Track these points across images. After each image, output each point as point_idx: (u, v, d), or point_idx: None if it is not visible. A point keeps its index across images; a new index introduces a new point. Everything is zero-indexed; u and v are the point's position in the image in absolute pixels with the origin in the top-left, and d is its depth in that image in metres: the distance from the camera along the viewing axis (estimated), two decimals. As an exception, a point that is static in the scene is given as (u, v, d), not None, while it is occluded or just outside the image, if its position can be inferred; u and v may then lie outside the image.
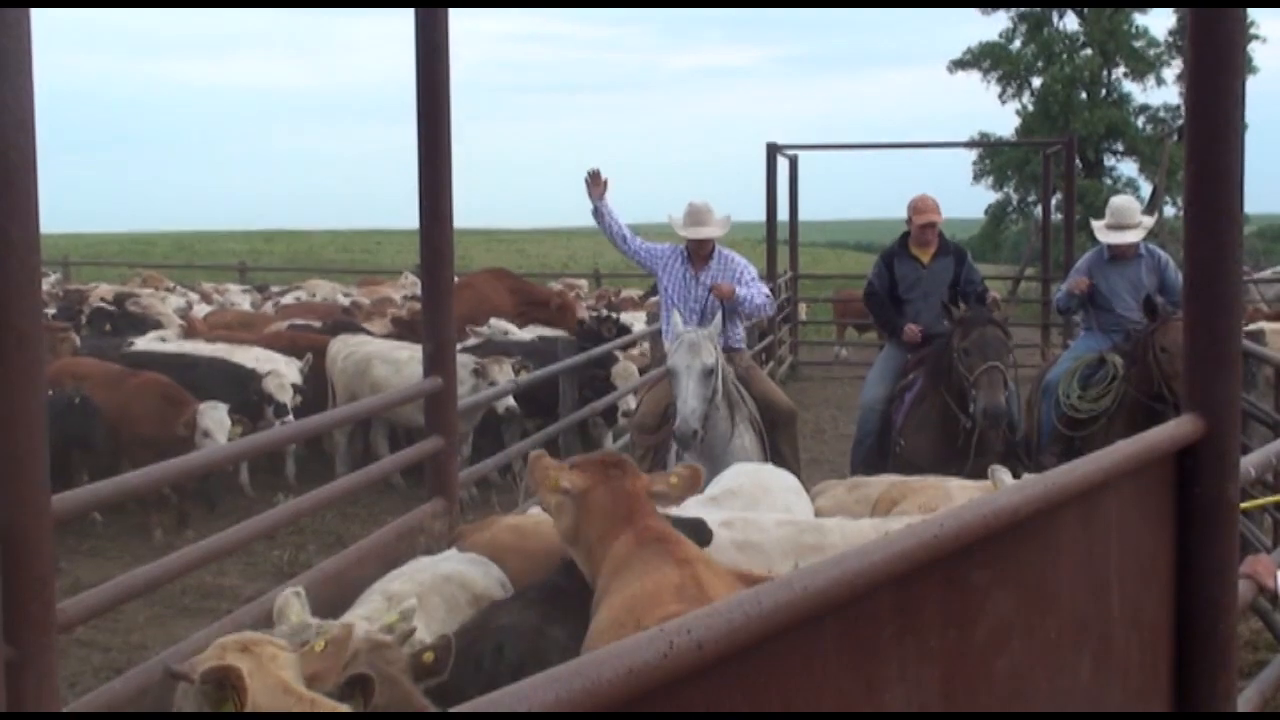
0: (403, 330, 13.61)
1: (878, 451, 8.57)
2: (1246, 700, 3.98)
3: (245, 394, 10.80)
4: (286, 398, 10.93)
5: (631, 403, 10.69)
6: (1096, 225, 9.10)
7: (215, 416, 9.94)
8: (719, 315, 7.59)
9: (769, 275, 18.32)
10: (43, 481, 3.00)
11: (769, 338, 17.91)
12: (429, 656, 3.60)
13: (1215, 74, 3.40)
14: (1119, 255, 8.81)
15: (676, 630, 1.77)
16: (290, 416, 10.70)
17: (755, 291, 8.10)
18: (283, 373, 11.22)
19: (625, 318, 15.25)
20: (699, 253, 8.21)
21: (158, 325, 14.96)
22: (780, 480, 6.11)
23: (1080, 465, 2.97)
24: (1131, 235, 8.70)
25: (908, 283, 8.90)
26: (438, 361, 5.62)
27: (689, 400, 6.95)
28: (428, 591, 4.29)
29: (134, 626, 7.86)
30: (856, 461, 8.80)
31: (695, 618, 1.83)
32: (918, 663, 2.42)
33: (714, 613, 1.85)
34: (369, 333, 13.59)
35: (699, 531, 4.36)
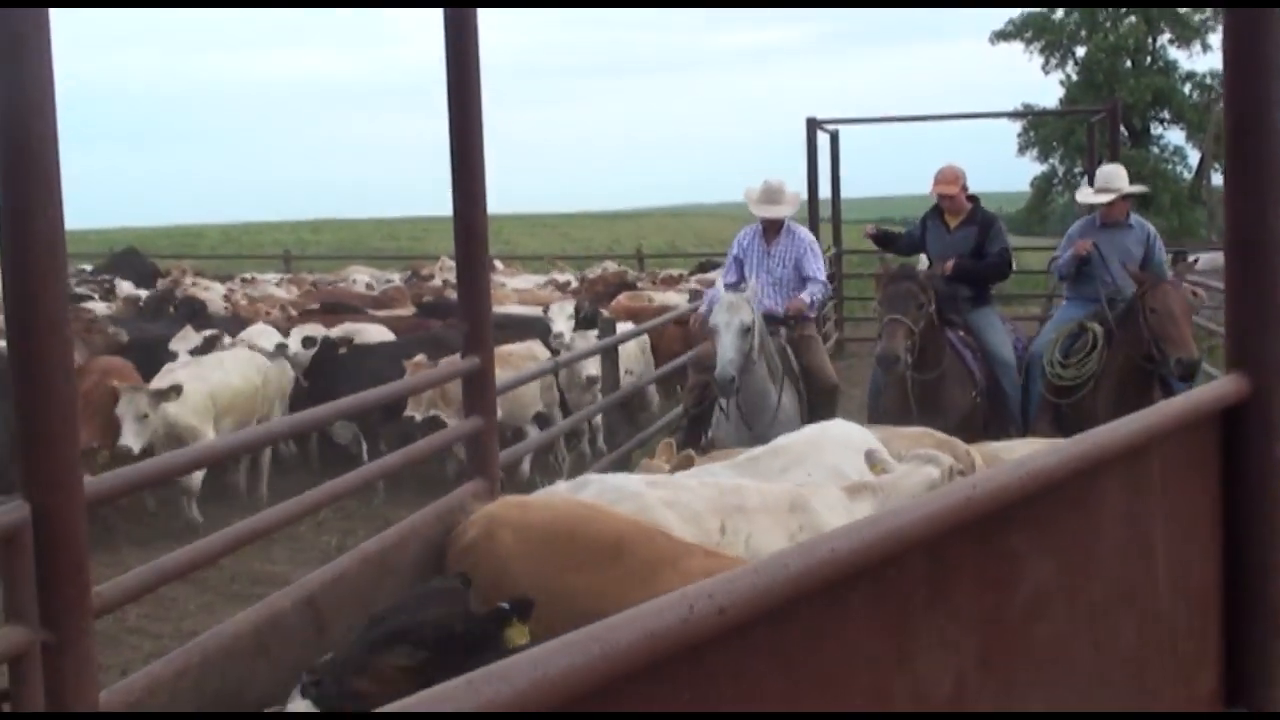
0: (426, 314, 13.68)
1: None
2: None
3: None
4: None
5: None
6: (1082, 190, 9.72)
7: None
8: (753, 279, 8.57)
9: (812, 252, 18.17)
10: (74, 464, 3.00)
11: (814, 314, 17.81)
12: None
13: (1253, 22, 3.32)
14: (1110, 222, 9.04)
15: (697, 594, 1.73)
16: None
17: (816, 288, 8.94)
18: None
19: (664, 296, 15.26)
20: (771, 226, 9.06)
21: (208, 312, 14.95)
22: (842, 437, 6.12)
23: (1122, 425, 2.91)
24: (1107, 196, 8.96)
25: (930, 245, 9.35)
26: (475, 341, 5.58)
27: (727, 351, 7.73)
28: None
29: (185, 614, 7.91)
30: (870, 413, 9.28)
31: (717, 582, 1.79)
32: (953, 629, 2.37)
33: (737, 576, 1.81)
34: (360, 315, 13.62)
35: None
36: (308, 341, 11.57)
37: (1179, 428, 3.13)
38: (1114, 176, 9.21)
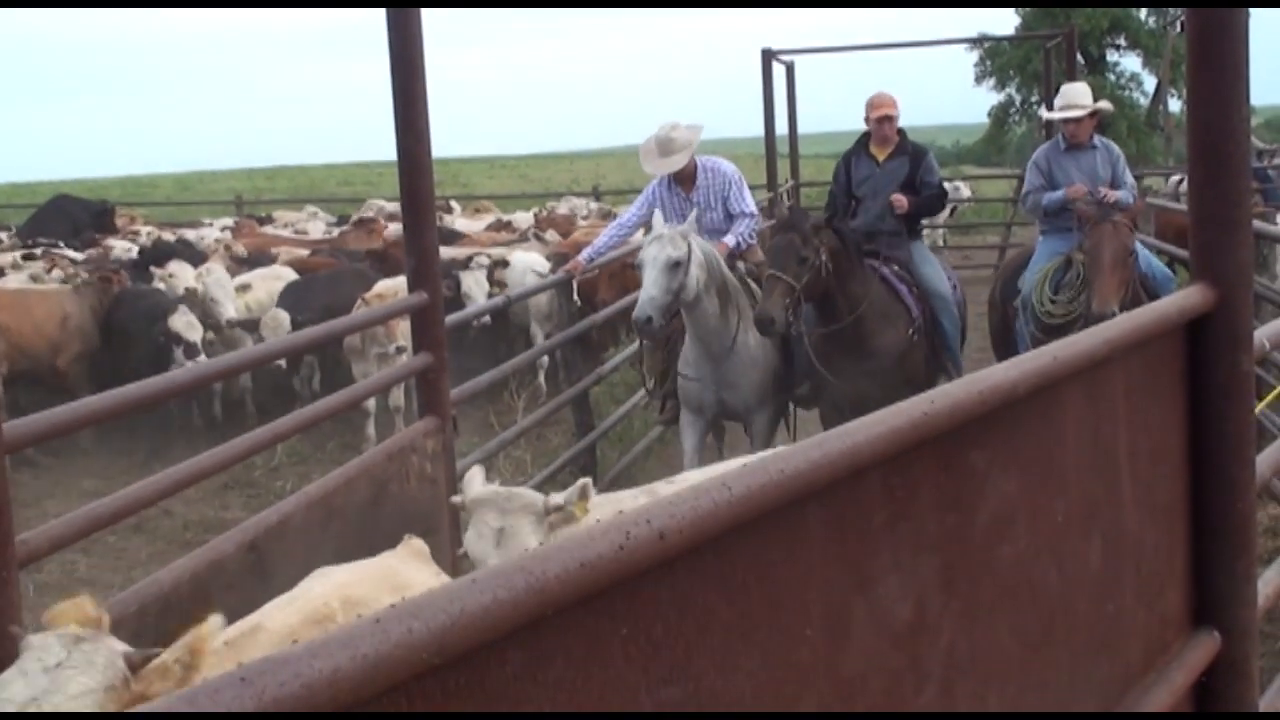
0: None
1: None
2: (1266, 582, 3.82)
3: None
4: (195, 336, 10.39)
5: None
6: (1047, 112, 9.39)
7: None
8: (693, 215, 7.91)
9: (769, 186, 18.06)
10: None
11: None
12: None
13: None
14: (1074, 144, 8.82)
15: (634, 520, 1.61)
16: (202, 356, 10.08)
17: (743, 225, 8.56)
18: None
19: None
20: (682, 174, 8.53)
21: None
22: None
23: (1082, 339, 2.79)
24: (1075, 112, 8.73)
25: (860, 181, 8.91)
26: (422, 275, 5.44)
27: (648, 289, 7.22)
28: None
29: (136, 563, 7.79)
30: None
31: (656, 505, 1.66)
32: (914, 550, 2.26)
33: (678, 500, 1.69)
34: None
35: None
36: None
37: (1142, 340, 3.01)
38: (1078, 94, 8.94)
